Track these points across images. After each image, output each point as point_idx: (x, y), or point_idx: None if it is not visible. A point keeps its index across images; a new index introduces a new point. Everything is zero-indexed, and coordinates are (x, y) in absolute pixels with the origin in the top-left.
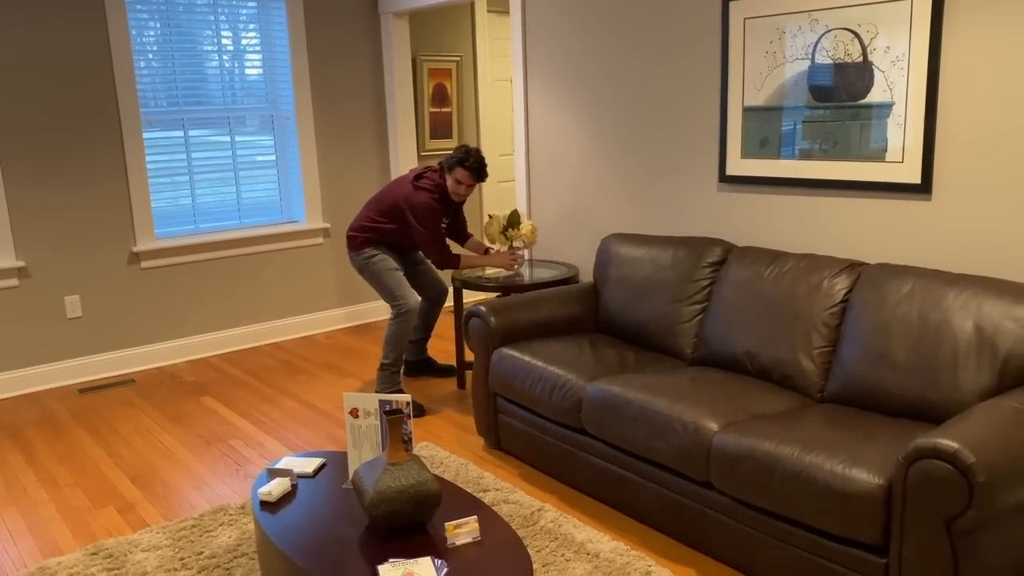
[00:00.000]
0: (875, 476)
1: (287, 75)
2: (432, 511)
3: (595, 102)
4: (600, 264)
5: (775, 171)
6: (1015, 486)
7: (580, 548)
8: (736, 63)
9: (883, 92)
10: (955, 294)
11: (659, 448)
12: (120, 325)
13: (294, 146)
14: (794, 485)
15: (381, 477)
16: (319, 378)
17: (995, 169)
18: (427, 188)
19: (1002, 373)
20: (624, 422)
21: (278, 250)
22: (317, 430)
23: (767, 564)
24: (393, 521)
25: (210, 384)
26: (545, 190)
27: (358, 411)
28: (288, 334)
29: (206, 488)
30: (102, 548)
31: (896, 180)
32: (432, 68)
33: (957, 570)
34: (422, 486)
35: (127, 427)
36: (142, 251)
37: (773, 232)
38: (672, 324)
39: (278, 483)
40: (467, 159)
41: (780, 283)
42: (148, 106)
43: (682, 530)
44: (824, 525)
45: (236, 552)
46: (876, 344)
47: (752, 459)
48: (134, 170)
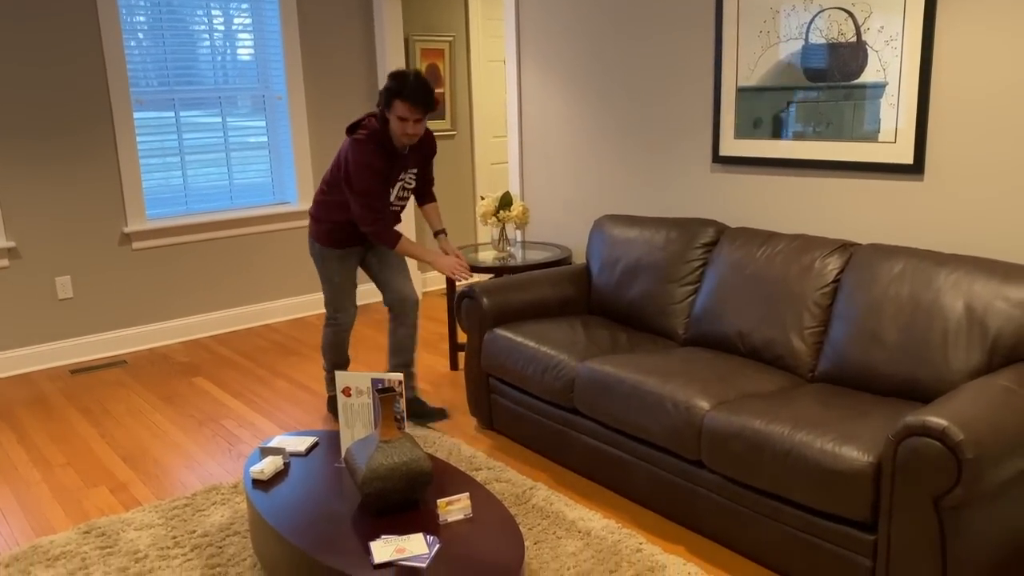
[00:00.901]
0: (864, 454)
1: (279, 55)
2: (424, 488)
3: (589, 83)
4: (593, 245)
5: (768, 152)
6: (1003, 463)
7: (572, 526)
8: (730, 43)
9: (876, 72)
10: (946, 274)
11: (650, 427)
12: (112, 306)
13: (286, 127)
14: (784, 463)
15: (373, 455)
16: (311, 359)
17: (987, 150)
18: (361, 138)
19: (992, 352)
20: (616, 401)
21: (270, 231)
22: (310, 410)
23: (756, 541)
24: (385, 498)
25: (202, 365)
26: (538, 172)
27: (351, 390)
28: (280, 315)
29: (198, 467)
30: (95, 527)
31: (889, 160)
32: (425, 48)
33: (944, 546)
34: (414, 463)
35: (119, 407)
36: (133, 232)
37: (766, 213)
38: (664, 305)
39: (270, 461)
40: (403, 87)
41: (772, 264)
42: (139, 86)
43: (673, 508)
44: (814, 503)
45: (228, 530)
46: (867, 324)
47: (743, 438)
48: (125, 150)
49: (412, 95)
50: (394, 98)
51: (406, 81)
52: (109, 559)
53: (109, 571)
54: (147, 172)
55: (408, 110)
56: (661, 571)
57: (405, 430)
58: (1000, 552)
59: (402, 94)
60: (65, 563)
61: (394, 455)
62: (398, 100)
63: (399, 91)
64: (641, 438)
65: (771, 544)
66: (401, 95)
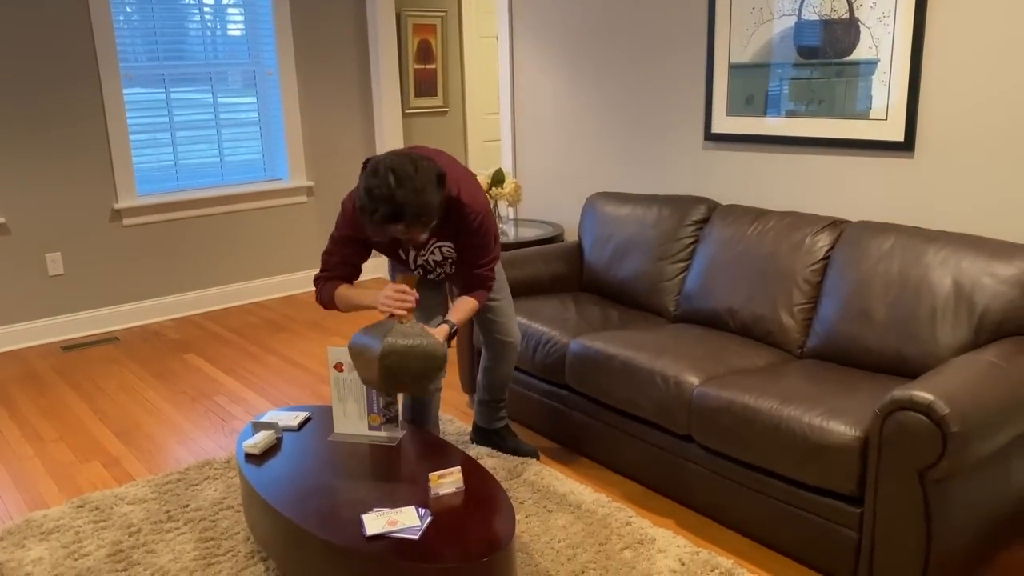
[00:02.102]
0: (851, 428)
1: (269, 30)
2: (435, 374)
3: (581, 59)
4: (585, 223)
5: (760, 129)
6: (987, 437)
7: (562, 500)
8: (723, 19)
9: (868, 49)
10: (935, 251)
11: (641, 402)
12: (103, 283)
13: (277, 103)
14: (773, 437)
15: (393, 329)
16: (303, 336)
17: (977, 128)
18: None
19: (978, 328)
20: (607, 377)
21: (262, 208)
22: (302, 386)
23: (745, 514)
24: (400, 375)
25: (194, 342)
26: (530, 149)
27: (342, 365)
28: (272, 293)
29: (191, 443)
30: (88, 501)
31: (880, 138)
32: (417, 24)
33: (929, 518)
34: (431, 346)
35: (111, 384)
36: (124, 208)
37: (757, 190)
38: (656, 282)
39: (263, 436)
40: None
41: (763, 241)
42: (128, 61)
43: (662, 482)
44: (801, 476)
45: (222, 504)
46: (856, 300)
47: (731, 412)
48: (114, 126)
49: (372, 229)
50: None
51: (365, 212)
52: (103, 533)
53: (103, 544)
54: (137, 149)
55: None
56: (650, 544)
57: (397, 407)
58: (983, 524)
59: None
60: (59, 537)
61: (412, 335)
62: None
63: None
64: (632, 413)
65: (759, 517)
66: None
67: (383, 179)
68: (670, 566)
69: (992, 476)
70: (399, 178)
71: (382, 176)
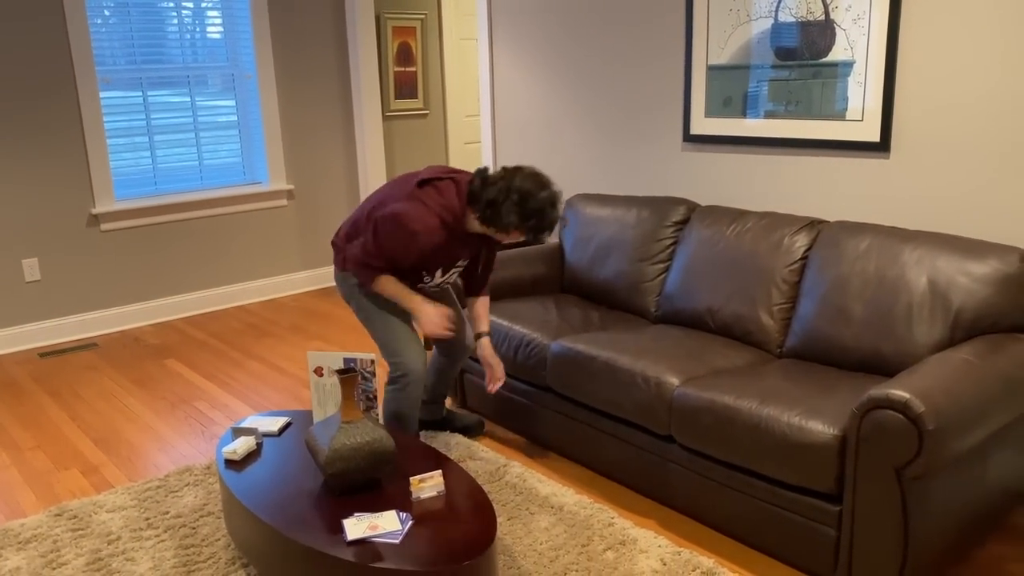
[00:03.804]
0: (830, 427)
1: (248, 33)
2: (387, 467)
3: (561, 62)
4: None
5: (738, 130)
6: (962, 434)
7: (544, 501)
8: (700, 21)
9: (844, 50)
10: (910, 250)
11: (622, 403)
12: (81, 288)
13: (256, 106)
14: (753, 437)
15: (336, 436)
16: (285, 340)
17: (952, 128)
18: (431, 206)
19: (954, 326)
20: (588, 378)
21: (241, 212)
22: (283, 391)
23: (726, 514)
24: (348, 478)
25: (174, 347)
26: (511, 151)
27: (322, 369)
28: (253, 297)
29: (171, 449)
30: (66, 509)
31: (856, 138)
32: (396, 26)
33: (906, 515)
34: (377, 443)
35: (90, 391)
36: (102, 213)
37: (736, 191)
38: (636, 283)
39: (243, 442)
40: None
41: (742, 241)
42: (105, 64)
43: (644, 483)
44: (781, 475)
45: (202, 511)
46: (834, 300)
47: (712, 412)
48: (91, 130)
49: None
50: (519, 228)
51: (543, 224)
52: (81, 541)
53: (81, 553)
54: (115, 153)
55: (519, 235)
56: (632, 544)
57: (377, 412)
58: (959, 520)
59: (535, 233)
60: (36, 546)
61: (356, 435)
62: (521, 231)
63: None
64: (613, 414)
65: (740, 516)
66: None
67: (550, 191)
68: (652, 566)
69: (968, 473)
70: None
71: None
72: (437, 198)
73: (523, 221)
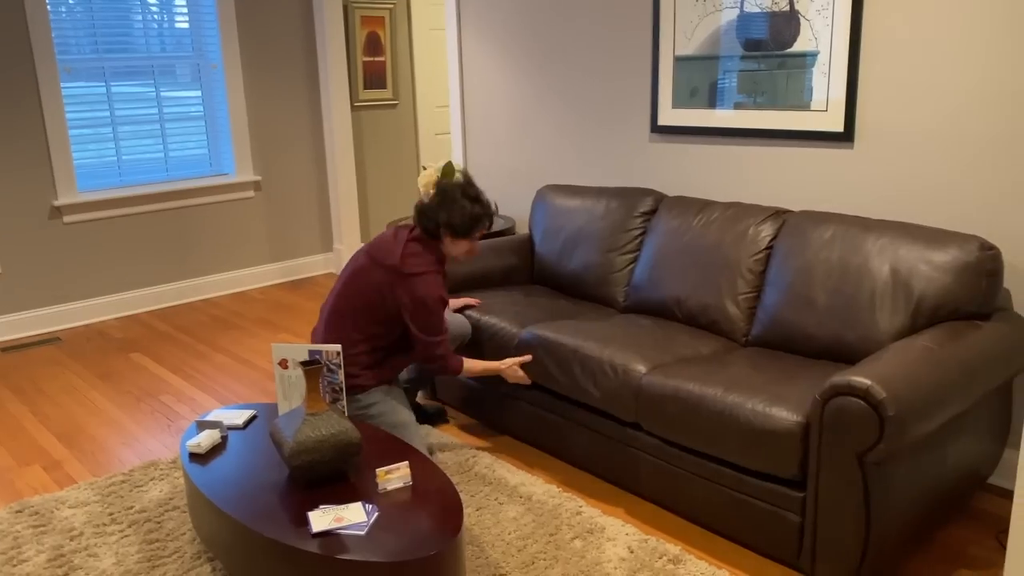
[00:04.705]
0: (793, 414)
1: (213, 23)
2: (353, 459)
3: (529, 52)
4: (535, 215)
5: (704, 121)
6: (922, 420)
7: (513, 491)
8: (667, 12)
9: (809, 41)
10: (874, 239)
11: (589, 390)
12: (43, 282)
13: (222, 97)
14: (718, 424)
15: (300, 428)
16: (252, 333)
17: (914, 119)
18: (428, 272)
19: (915, 314)
20: (556, 365)
21: (208, 204)
22: (250, 385)
23: (692, 501)
24: (314, 470)
25: (139, 341)
26: (480, 142)
27: (287, 362)
28: (220, 290)
29: (136, 444)
30: (27, 506)
31: (820, 129)
32: (364, 16)
33: (868, 500)
34: (343, 435)
35: (53, 385)
36: (64, 205)
37: (702, 181)
38: (605, 274)
39: (207, 435)
40: (490, 214)
41: (708, 231)
42: (68, 54)
43: (612, 472)
44: (746, 462)
45: (167, 506)
46: (798, 288)
47: (678, 400)
48: (52, 121)
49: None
50: (477, 225)
51: (488, 207)
52: (43, 537)
53: (43, 549)
54: (78, 144)
55: (472, 243)
56: (600, 533)
57: (343, 404)
58: (920, 504)
59: (490, 220)
60: None
61: (321, 427)
62: (480, 227)
63: (487, 218)
64: (581, 401)
65: (706, 504)
66: (489, 221)
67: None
68: (619, 554)
69: (928, 458)
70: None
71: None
72: (421, 263)
73: (475, 210)
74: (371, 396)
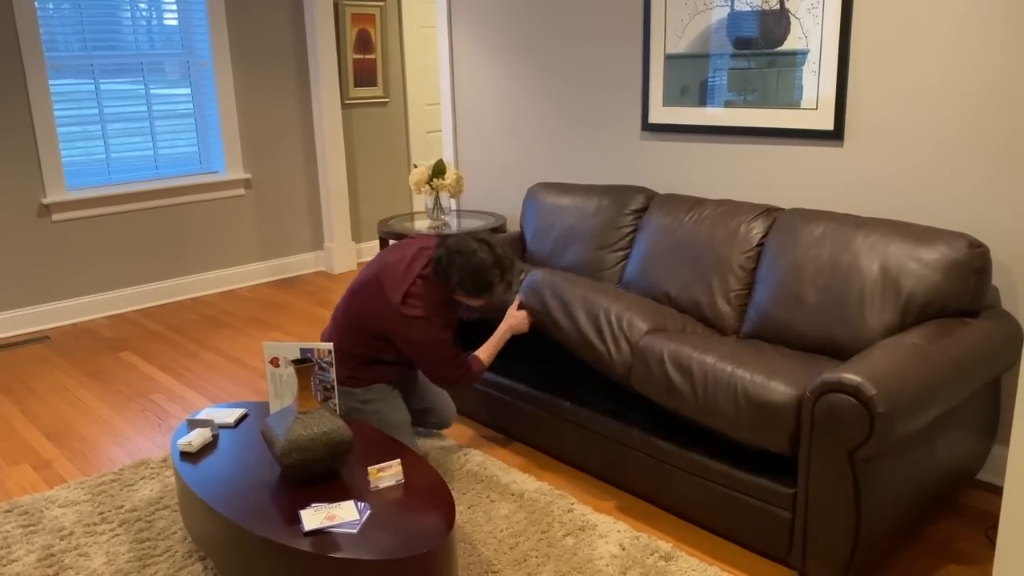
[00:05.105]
0: (790, 388)
1: (203, 20)
2: (345, 457)
3: (520, 50)
4: (527, 213)
5: (695, 119)
6: (911, 416)
7: (505, 489)
8: (658, 10)
9: (799, 39)
10: (863, 237)
11: (590, 338)
12: (32, 280)
13: (212, 94)
14: (713, 390)
15: (292, 426)
16: (243, 332)
17: (903, 117)
18: (424, 314)
19: (904, 311)
20: (561, 309)
21: (198, 202)
22: (241, 383)
23: (684, 499)
24: (306, 469)
25: (129, 339)
26: (472, 139)
27: (279, 360)
28: (210, 288)
29: (126, 443)
30: (17, 505)
31: (810, 127)
32: (355, 13)
33: (858, 496)
34: (335, 433)
35: (42, 384)
36: (53, 203)
37: (693, 179)
38: (596, 271)
39: (198, 434)
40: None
41: (699, 229)
42: (56, 51)
43: (604, 469)
44: (736, 432)
45: (158, 504)
46: (789, 286)
47: (676, 361)
48: (40, 118)
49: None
50: (484, 293)
51: (495, 289)
52: (32, 537)
53: (32, 549)
54: (66, 142)
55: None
56: (591, 530)
57: (335, 402)
58: (909, 500)
59: (493, 295)
60: None
61: (313, 425)
62: (486, 295)
63: (490, 292)
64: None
65: (697, 501)
66: (492, 294)
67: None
68: (611, 551)
69: (917, 454)
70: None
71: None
72: (424, 300)
73: (465, 283)
74: (371, 392)
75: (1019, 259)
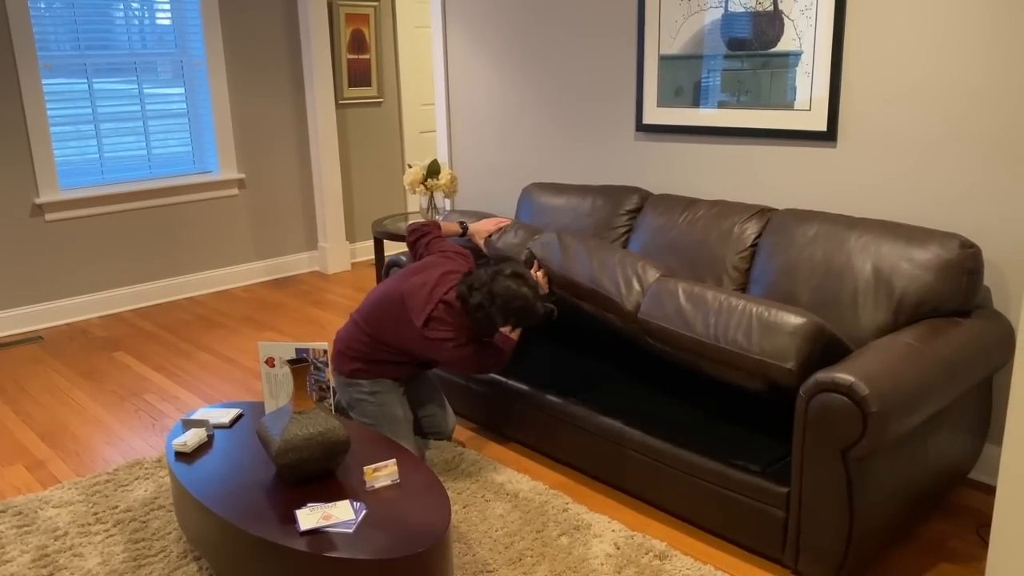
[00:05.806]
0: (799, 317)
1: (197, 19)
2: (341, 457)
3: (515, 50)
4: (521, 213)
5: (689, 119)
6: (904, 416)
7: (500, 489)
8: (652, 11)
9: (792, 41)
10: (856, 237)
11: (602, 281)
12: (25, 280)
13: (206, 94)
14: (727, 316)
15: (288, 426)
16: (237, 332)
17: (896, 118)
18: (448, 336)
19: (897, 311)
20: (572, 260)
21: (192, 201)
22: (235, 383)
23: (678, 498)
24: (302, 469)
25: (123, 339)
26: (466, 140)
27: (274, 360)
28: (204, 288)
29: (120, 443)
30: (11, 506)
31: (804, 128)
32: (349, 13)
33: (851, 495)
34: (330, 433)
35: (35, 385)
36: (46, 203)
37: (687, 179)
38: None
39: (193, 434)
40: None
41: (693, 229)
42: (49, 50)
43: (599, 469)
44: (745, 364)
45: (153, 505)
46: (783, 286)
47: (690, 293)
48: (33, 118)
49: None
50: (529, 322)
51: (530, 321)
52: (27, 538)
53: (26, 550)
54: (60, 141)
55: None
56: (586, 529)
57: (330, 402)
58: (902, 499)
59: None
60: None
61: (309, 425)
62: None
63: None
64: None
65: (691, 500)
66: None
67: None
68: (605, 550)
69: (910, 454)
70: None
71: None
72: (447, 324)
73: (509, 320)
74: (377, 385)
75: (1011, 260)
